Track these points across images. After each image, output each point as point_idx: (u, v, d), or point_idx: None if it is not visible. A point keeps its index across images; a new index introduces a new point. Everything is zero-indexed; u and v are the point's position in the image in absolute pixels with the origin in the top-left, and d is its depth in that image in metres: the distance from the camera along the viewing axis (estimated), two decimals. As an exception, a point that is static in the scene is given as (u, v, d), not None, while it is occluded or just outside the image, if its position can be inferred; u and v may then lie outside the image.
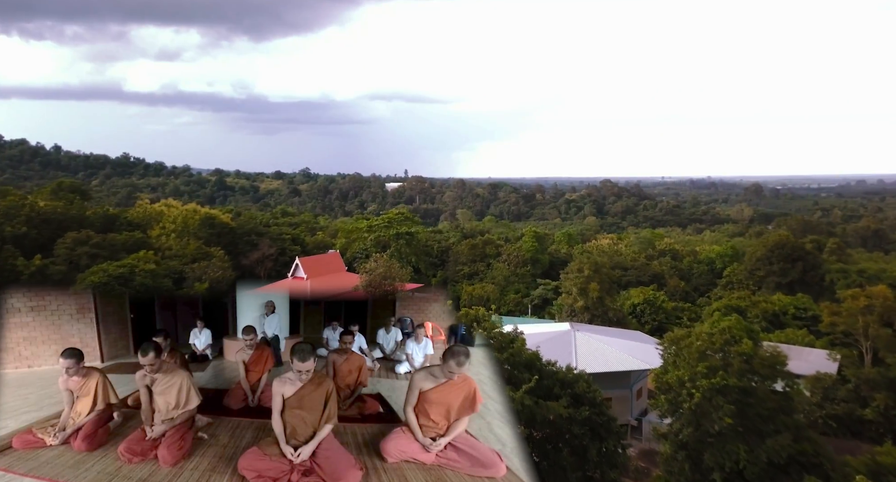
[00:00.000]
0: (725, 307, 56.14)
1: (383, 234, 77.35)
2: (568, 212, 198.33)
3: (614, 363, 39.63)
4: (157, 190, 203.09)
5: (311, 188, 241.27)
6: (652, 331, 56.35)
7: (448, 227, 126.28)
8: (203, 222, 72.22)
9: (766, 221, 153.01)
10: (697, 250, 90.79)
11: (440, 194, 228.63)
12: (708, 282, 78.62)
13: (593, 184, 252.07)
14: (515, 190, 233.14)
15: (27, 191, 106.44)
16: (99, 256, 57.52)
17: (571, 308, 57.11)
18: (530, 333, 40.39)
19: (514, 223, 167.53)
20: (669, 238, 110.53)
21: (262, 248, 70.95)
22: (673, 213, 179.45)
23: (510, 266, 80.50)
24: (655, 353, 34.79)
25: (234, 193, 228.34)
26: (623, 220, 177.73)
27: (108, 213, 77.05)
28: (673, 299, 66.77)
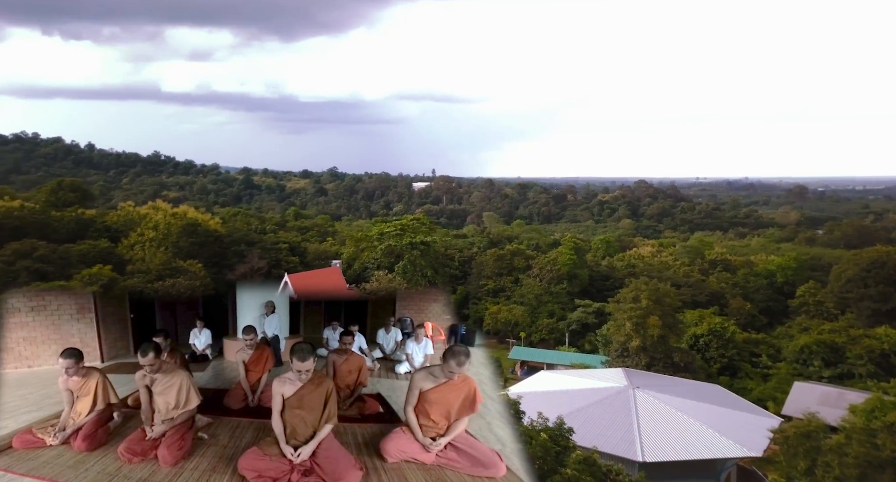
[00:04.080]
0: (816, 343, 48.02)
1: (395, 243, 70.44)
2: (601, 214, 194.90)
3: (694, 445, 30.98)
4: (184, 188, 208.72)
5: (337, 187, 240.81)
6: (721, 370, 49.23)
7: (473, 232, 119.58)
8: (184, 229, 63.91)
9: (813, 226, 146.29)
10: (753, 260, 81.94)
11: (467, 194, 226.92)
12: (770, 298, 70.36)
13: (626, 184, 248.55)
14: (545, 190, 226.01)
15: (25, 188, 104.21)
16: (42, 272, 49.78)
17: (624, 347, 48.05)
18: (574, 389, 36.96)
19: (544, 226, 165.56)
20: (719, 247, 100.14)
21: (249, 261, 64.02)
22: (712, 215, 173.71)
23: (543, 282, 71.30)
24: (749, 425, 31.44)
25: (260, 192, 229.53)
26: (659, 222, 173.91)
27: (82, 216, 68.32)
28: (738, 324, 56.89)
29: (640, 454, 29.16)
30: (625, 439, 29.83)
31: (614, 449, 29.15)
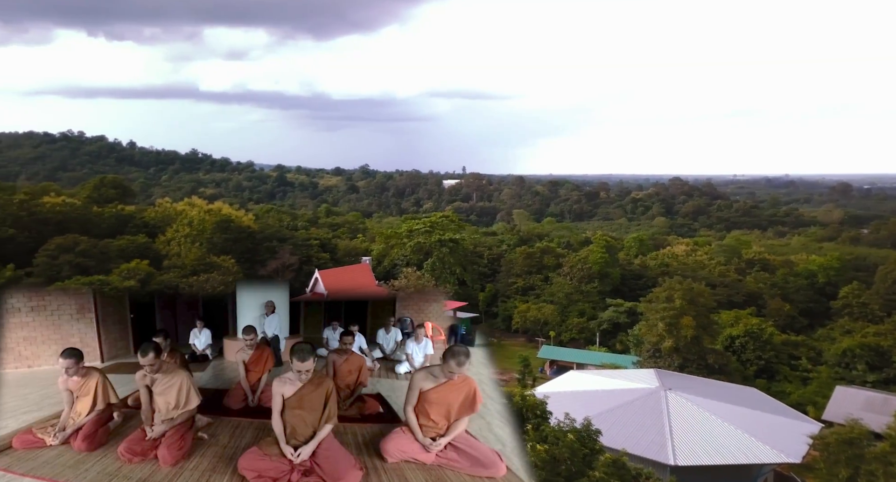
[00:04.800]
0: (860, 346, 47.25)
1: (424, 240, 71.86)
2: (634, 211, 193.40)
3: (729, 449, 30.08)
4: (220, 185, 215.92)
5: (368, 185, 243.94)
6: (758, 373, 48.50)
7: (503, 229, 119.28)
8: (218, 225, 65.64)
9: (858, 224, 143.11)
10: (793, 260, 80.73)
11: (498, 192, 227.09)
12: (810, 299, 68.96)
13: (661, 181, 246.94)
14: (577, 187, 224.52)
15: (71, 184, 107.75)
16: (83, 266, 51.89)
17: (656, 347, 47.64)
18: (604, 390, 36.44)
19: (576, 223, 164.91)
20: (757, 246, 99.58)
21: (281, 257, 64.97)
22: (750, 214, 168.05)
23: (573, 281, 71.05)
24: (787, 430, 30.77)
25: (293, 189, 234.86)
26: (694, 220, 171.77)
27: (122, 212, 71.55)
28: (776, 326, 56.34)
29: (672, 457, 28.65)
30: (656, 442, 29.27)
31: (645, 452, 28.66)
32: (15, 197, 65.69)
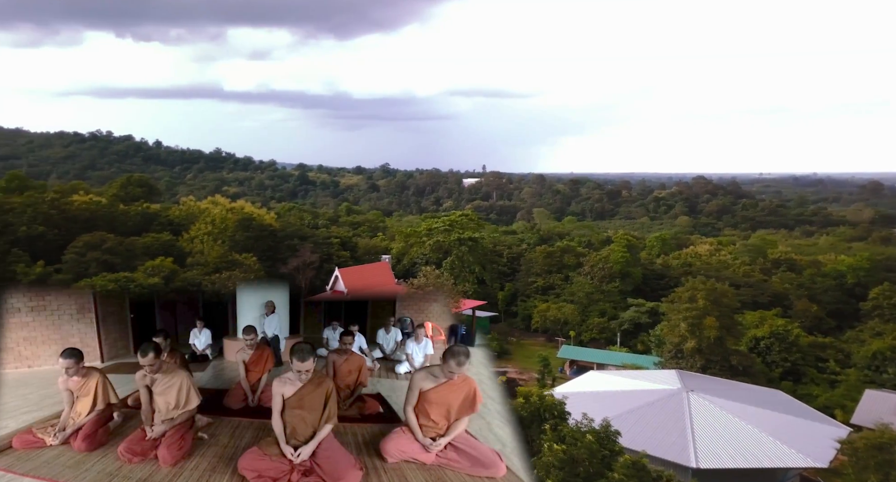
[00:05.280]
0: (891, 348, 46.16)
1: (443, 238, 72.07)
2: (657, 211, 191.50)
3: (752, 452, 29.45)
4: (243, 184, 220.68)
5: (388, 184, 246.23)
6: (783, 375, 47.55)
7: (523, 228, 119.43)
8: (240, 224, 66.85)
9: (889, 224, 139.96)
10: (821, 260, 78.67)
11: (518, 190, 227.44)
12: (839, 300, 67.09)
13: (684, 180, 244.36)
14: (599, 186, 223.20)
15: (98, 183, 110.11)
16: (110, 263, 53.21)
17: (678, 348, 46.71)
18: (624, 391, 36.40)
19: (597, 222, 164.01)
20: (784, 245, 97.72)
21: (302, 255, 64.85)
22: (776, 213, 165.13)
23: (594, 280, 70.72)
24: (813, 434, 30.17)
25: (314, 188, 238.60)
26: (719, 220, 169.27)
27: (147, 210, 73.18)
28: (803, 327, 54.89)
29: (694, 460, 28.34)
30: (677, 444, 28.98)
31: (665, 454, 28.39)
32: (46, 195, 68.07)
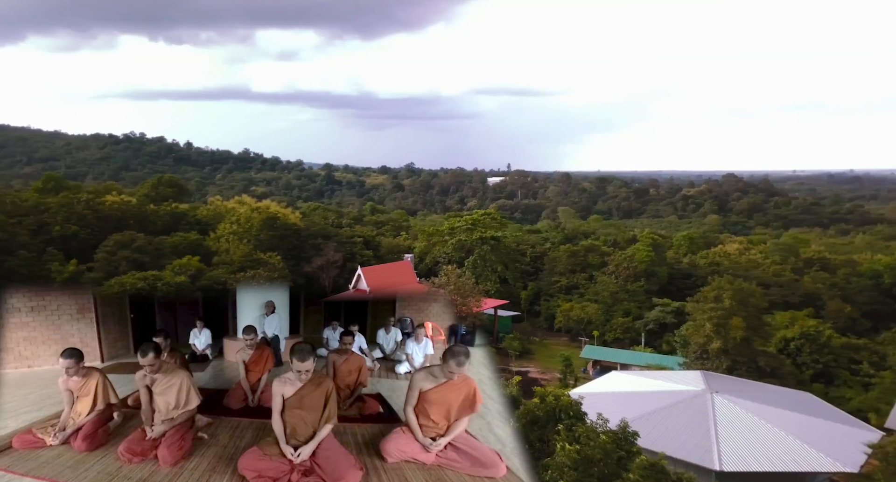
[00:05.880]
0: None
1: (465, 237, 71.91)
2: (685, 209, 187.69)
3: (779, 456, 28.66)
4: (271, 184, 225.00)
5: (413, 183, 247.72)
6: (814, 377, 46.20)
7: (548, 227, 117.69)
8: (265, 223, 67.34)
9: None
10: (856, 260, 76.17)
11: (543, 189, 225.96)
12: (875, 301, 64.64)
13: (714, 178, 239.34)
14: (626, 184, 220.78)
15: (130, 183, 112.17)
16: (139, 262, 54.23)
17: (704, 348, 45.54)
18: (647, 391, 35.82)
19: (624, 221, 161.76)
20: (817, 244, 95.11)
21: (325, 254, 65.01)
22: (810, 211, 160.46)
23: (619, 280, 69.41)
24: (843, 438, 29.59)
25: (340, 188, 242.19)
26: (749, 218, 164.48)
27: (176, 210, 74.73)
28: (836, 328, 52.85)
29: (718, 462, 27.73)
30: (700, 446, 28.29)
31: (688, 456, 27.82)
32: (80, 196, 70.05)
